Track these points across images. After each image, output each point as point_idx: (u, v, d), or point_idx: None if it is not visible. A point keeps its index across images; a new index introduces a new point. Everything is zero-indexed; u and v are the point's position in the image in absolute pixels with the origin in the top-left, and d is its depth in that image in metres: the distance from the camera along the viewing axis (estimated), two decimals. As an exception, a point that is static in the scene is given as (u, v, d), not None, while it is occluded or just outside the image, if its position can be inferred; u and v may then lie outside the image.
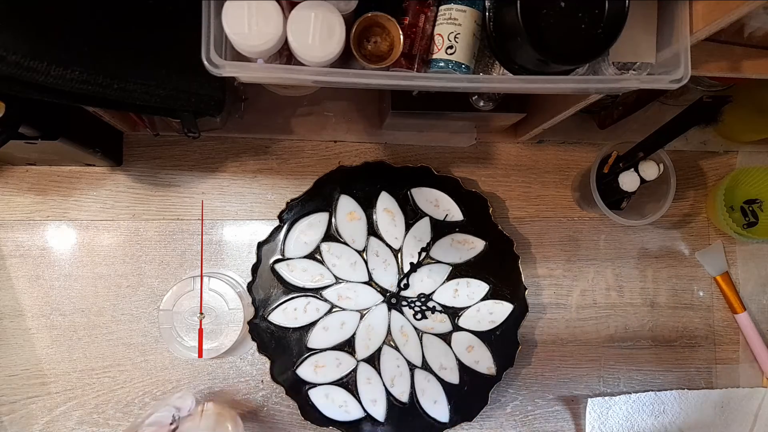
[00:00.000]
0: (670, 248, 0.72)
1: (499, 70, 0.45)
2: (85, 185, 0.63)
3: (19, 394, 0.61)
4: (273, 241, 0.62)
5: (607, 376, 0.69)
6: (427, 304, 0.63)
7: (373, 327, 0.62)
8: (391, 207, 0.63)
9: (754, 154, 0.74)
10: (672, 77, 0.41)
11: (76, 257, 0.62)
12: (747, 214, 0.73)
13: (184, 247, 0.64)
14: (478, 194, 0.65)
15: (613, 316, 0.70)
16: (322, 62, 0.39)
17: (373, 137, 0.67)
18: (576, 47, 0.39)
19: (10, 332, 0.61)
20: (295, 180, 0.66)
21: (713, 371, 0.71)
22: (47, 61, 0.35)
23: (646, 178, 0.62)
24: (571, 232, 0.70)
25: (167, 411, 0.36)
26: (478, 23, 0.42)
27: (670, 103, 0.71)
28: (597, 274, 0.70)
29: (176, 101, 0.44)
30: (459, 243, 0.64)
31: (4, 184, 0.62)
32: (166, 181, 0.64)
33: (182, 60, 0.42)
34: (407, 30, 0.42)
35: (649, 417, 0.68)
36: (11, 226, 0.62)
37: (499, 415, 0.67)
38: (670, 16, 0.42)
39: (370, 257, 0.63)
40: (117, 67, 0.39)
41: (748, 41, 0.45)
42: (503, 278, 0.64)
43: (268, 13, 0.37)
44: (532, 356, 0.68)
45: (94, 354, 0.62)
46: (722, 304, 0.72)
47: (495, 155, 0.70)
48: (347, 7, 0.39)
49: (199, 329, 0.60)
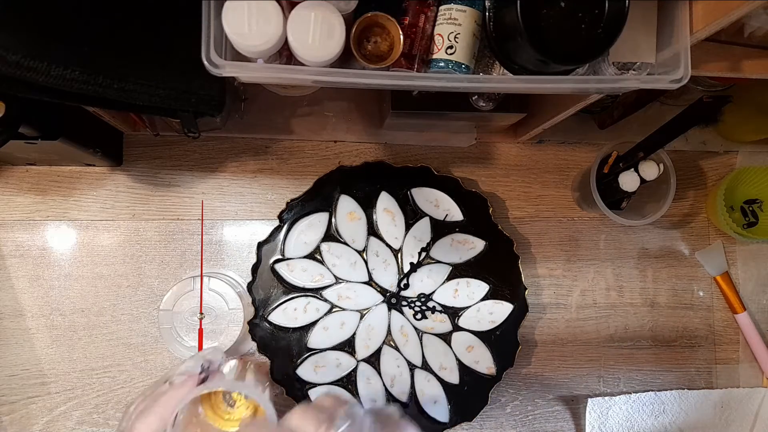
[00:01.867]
0: (670, 248, 0.72)
1: (499, 70, 0.45)
2: (85, 185, 0.63)
3: (19, 394, 0.61)
4: (273, 241, 0.62)
5: (607, 376, 0.69)
6: (427, 304, 0.63)
7: (373, 327, 0.62)
8: (391, 207, 0.63)
9: (754, 154, 0.74)
10: (672, 77, 0.41)
11: (76, 257, 0.62)
12: (747, 214, 0.73)
13: (184, 247, 0.64)
14: (478, 194, 0.65)
15: (613, 316, 0.70)
16: (322, 62, 0.39)
17: (373, 137, 0.67)
18: (576, 47, 0.39)
19: (10, 332, 0.61)
20: (295, 180, 0.66)
21: (713, 371, 0.71)
22: (47, 61, 0.35)
23: (646, 178, 0.62)
24: (571, 232, 0.70)
25: (198, 362, 0.37)
26: (478, 23, 0.42)
27: (670, 103, 0.71)
28: (597, 274, 0.70)
29: (176, 101, 0.44)
30: (459, 243, 0.64)
31: (4, 184, 0.62)
32: (166, 181, 0.64)
33: (182, 60, 0.42)
34: (407, 30, 0.42)
35: (649, 417, 0.68)
36: (11, 226, 0.62)
37: (499, 415, 0.67)
38: (670, 16, 0.42)
39: (370, 257, 0.63)
40: (117, 67, 0.39)
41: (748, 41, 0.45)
42: (503, 278, 0.64)
43: (268, 13, 0.37)
44: (532, 356, 0.68)
45: (94, 354, 0.62)
46: (722, 304, 0.72)
47: (495, 155, 0.70)
48: (347, 7, 0.39)
49: (199, 329, 0.60)
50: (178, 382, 0.35)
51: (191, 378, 0.36)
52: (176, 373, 0.36)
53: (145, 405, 0.35)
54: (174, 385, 0.35)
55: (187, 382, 0.35)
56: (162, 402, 0.34)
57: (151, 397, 0.35)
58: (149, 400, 0.35)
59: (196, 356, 0.39)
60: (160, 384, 0.36)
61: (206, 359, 0.38)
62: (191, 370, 0.36)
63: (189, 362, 0.37)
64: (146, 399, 0.35)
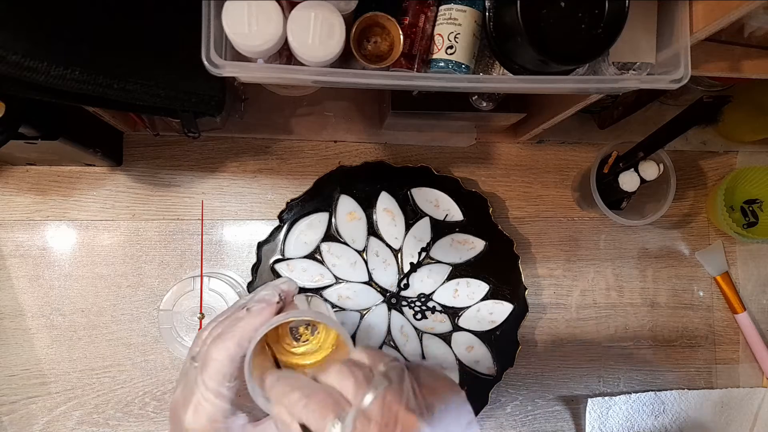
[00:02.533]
0: (670, 248, 0.72)
1: (499, 70, 0.45)
2: (85, 185, 0.63)
3: (19, 394, 0.61)
4: (273, 241, 0.62)
5: (607, 376, 0.69)
6: (427, 304, 0.63)
7: (373, 327, 0.62)
8: (391, 207, 0.63)
9: (754, 154, 0.74)
10: (672, 77, 0.41)
11: (76, 257, 0.62)
12: (747, 214, 0.73)
13: (184, 247, 0.64)
14: (478, 194, 0.65)
15: (613, 316, 0.70)
16: (322, 62, 0.39)
17: (373, 137, 0.67)
18: (576, 47, 0.39)
19: (10, 332, 0.61)
20: (295, 180, 0.66)
21: (713, 371, 0.71)
22: (47, 61, 0.35)
23: (646, 178, 0.62)
24: (571, 232, 0.70)
25: (275, 290, 0.36)
26: (478, 23, 0.42)
27: (670, 103, 0.71)
28: (597, 274, 0.70)
29: (176, 101, 0.44)
30: (459, 243, 0.64)
31: (4, 184, 0.62)
32: (166, 181, 0.64)
33: (182, 60, 0.42)
34: (407, 30, 0.42)
35: (649, 417, 0.68)
36: (11, 226, 0.62)
37: (499, 415, 0.67)
38: (670, 16, 0.42)
39: (370, 257, 0.63)
40: (117, 67, 0.39)
41: (748, 41, 0.45)
42: (503, 278, 0.64)
43: (268, 13, 0.37)
44: (532, 356, 0.68)
45: (94, 354, 0.62)
46: (722, 304, 0.72)
47: (495, 155, 0.70)
48: (347, 7, 0.39)
49: (199, 329, 0.60)
50: (256, 309, 0.35)
51: (269, 306, 0.35)
52: (254, 299, 0.36)
53: (221, 330, 0.34)
54: (252, 312, 0.34)
55: (265, 309, 0.35)
56: (240, 327, 0.34)
57: (228, 322, 0.34)
58: (226, 325, 0.34)
59: (270, 285, 0.38)
60: (236, 309, 0.36)
61: (282, 289, 0.37)
62: (269, 298, 0.36)
63: (266, 290, 0.36)
64: (219, 324, 0.35)
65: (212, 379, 0.33)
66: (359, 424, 0.28)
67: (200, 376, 0.33)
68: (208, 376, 0.33)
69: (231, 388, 0.33)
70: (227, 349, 0.33)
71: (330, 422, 0.28)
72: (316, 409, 0.29)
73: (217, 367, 0.33)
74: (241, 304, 0.37)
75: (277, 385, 0.32)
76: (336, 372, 0.31)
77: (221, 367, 0.33)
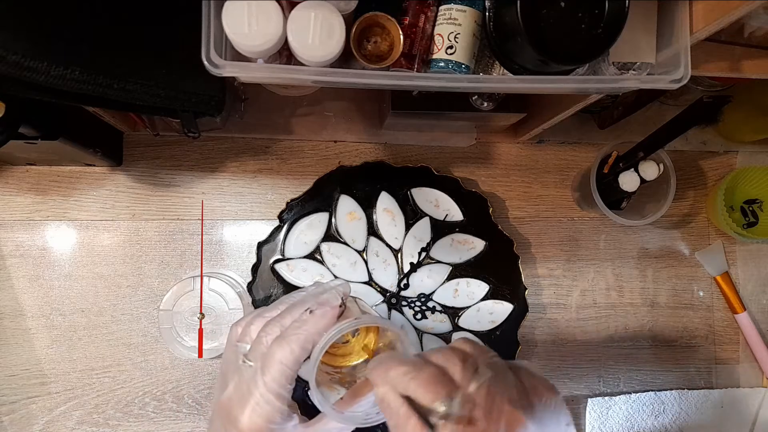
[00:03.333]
0: (670, 248, 0.72)
1: (499, 70, 0.45)
2: (85, 185, 0.63)
3: (19, 394, 0.61)
4: (273, 241, 0.62)
5: (607, 376, 0.69)
6: (427, 304, 0.63)
7: (373, 327, 0.62)
8: (391, 207, 0.63)
9: (754, 154, 0.74)
10: (672, 77, 0.41)
11: (76, 257, 0.62)
12: (747, 214, 0.73)
13: (184, 247, 0.64)
14: (478, 194, 0.65)
15: (613, 316, 0.70)
16: (322, 62, 0.39)
17: (373, 137, 0.67)
18: (576, 47, 0.39)
19: (10, 332, 0.61)
20: (295, 180, 0.66)
21: (713, 371, 0.71)
22: (47, 61, 0.35)
23: (646, 178, 0.62)
24: (571, 232, 0.70)
25: (337, 294, 0.37)
26: (478, 23, 0.42)
27: (670, 103, 0.71)
28: (597, 274, 0.70)
29: (176, 101, 0.44)
30: (459, 243, 0.64)
31: (4, 184, 0.62)
32: (166, 181, 0.64)
33: (182, 60, 0.42)
34: (407, 30, 0.42)
35: (649, 417, 0.68)
36: (11, 226, 0.62)
37: (499, 415, 0.67)
38: (670, 16, 0.42)
39: (370, 257, 0.63)
40: (117, 67, 0.39)
41: (748, 41, 0.45)
42: (503, 278, 0.64)
43: (268, 13, 0.37)
44: (532, 356, 0.68)
45: (94, 354, 0.62)
46: (722, 304, 0.72)
47: (495, 155, 0.70)
48: (347, 7, 0.39)
49: (199, 329, 0.60)
50: (320, 313, 0.35)
51: (333, 309, 0.35)
52: (317, 302, 0.36)
53: (284, 332, 0.34)
54: (315, 315, 0.35)
55: (329, 313, 0.35)
56: (304, 330, 0.34)
57: (292, 326, 0.34)
58: (290, 327, 0.34)
59: (330, 287, 0.38)
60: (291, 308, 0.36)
61: (344, 292, 0.37)
62: (331, 300, 0.36)
63: (328, 294, 0.37)
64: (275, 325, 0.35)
65: (275, 381, 0.33)
66: (465, 408, 0.28)
67: (261, 377, 0.33)
68: (270, 378, 0.33)
69: (290, 390, 0.34)
70: (292, 351, 0.33)
71: (440, 399, 0.28)
72: (424, 384, 0.29)
73: (280, 369, 0.33)
74: (294, 301, 0.37)
75: (380, 365, 0.32)
76: (442, 354, 0.31)
77: (285, 369, 0.33)
